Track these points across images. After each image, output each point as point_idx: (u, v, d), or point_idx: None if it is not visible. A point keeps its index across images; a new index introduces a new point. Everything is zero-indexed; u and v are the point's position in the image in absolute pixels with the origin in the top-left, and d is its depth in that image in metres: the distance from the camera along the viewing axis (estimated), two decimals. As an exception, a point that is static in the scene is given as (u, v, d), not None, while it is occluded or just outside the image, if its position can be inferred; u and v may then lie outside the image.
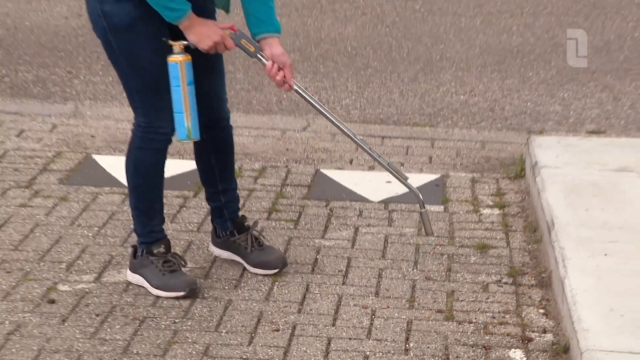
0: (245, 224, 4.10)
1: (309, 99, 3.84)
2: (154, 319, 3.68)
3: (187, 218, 4.49)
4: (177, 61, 3.67)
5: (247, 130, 5.30)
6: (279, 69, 3.71)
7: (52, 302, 3.75)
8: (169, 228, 4.18)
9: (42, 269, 3.98)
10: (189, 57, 3.69)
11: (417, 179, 4.92)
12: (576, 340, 3.36)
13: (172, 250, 3.98)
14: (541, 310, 3.82)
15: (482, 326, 3.69)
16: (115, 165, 4.91)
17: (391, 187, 4.83)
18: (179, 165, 4.88)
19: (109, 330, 3.59)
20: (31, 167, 4.86)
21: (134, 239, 4.16)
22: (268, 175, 4.89)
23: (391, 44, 6.86)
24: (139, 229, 3.95)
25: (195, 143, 3.97)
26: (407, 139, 5.41)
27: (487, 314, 3.79)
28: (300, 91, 3.78)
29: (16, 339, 3.50)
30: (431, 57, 6.67)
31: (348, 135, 3.95)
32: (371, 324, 3.70)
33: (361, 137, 5.26)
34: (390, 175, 4.00)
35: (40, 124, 5.36)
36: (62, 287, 3.86)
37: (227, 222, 4.09)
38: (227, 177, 4.08)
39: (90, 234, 4.27)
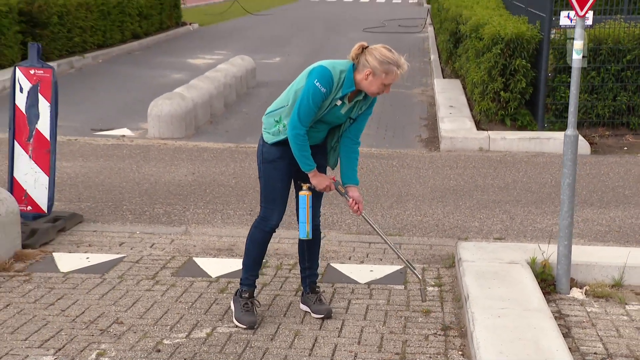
0: (316, 289, 4.07)
1: (369, 222, 3.90)
2: (220, 361, 3.52)
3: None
4: (305, 194, 3.81)
5: (286, 240, 5.18)
6: (356, 203, 3.81)
7: (159, 351, 3.63)
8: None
9: (155, 330, 3.85)
10: (311, 192, 3.82)
11: (390, 268, 4.77)
12: (479, 373, 3.15)
13: (255, 297, 3.98)
14: (460, 352, 3.62)
15: (423, 363, 3.50)
16: (206, 263, 4.80)
17: (372, 274, 4.67)
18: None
19: (192, 368, 3.44)
20: (156, 266, 4.75)
21: (214, 310, 4.03)
22: (298, 268, 4.72)
23: (377, 186, 6.74)
24: (242, 275, 3.97)
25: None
26: (384, 243, 5.24)
27: (427, 355, 3.60)
28: (365, 217, 3.86)
29: (134, 375, 3.36)
30: (401, 193, 6.55)
31: (387, 244, 3.99)
32: (354, 362, 3.53)
33: (363, 242, 5.12)
34: (407, 267, 4.02)
35: (164, 239, 5.27)
36: (165, 341, 3.73)
37: (307, 287, 4.08)
38: (312, 260, 4.08)
39: (186, 307, 4.14)
